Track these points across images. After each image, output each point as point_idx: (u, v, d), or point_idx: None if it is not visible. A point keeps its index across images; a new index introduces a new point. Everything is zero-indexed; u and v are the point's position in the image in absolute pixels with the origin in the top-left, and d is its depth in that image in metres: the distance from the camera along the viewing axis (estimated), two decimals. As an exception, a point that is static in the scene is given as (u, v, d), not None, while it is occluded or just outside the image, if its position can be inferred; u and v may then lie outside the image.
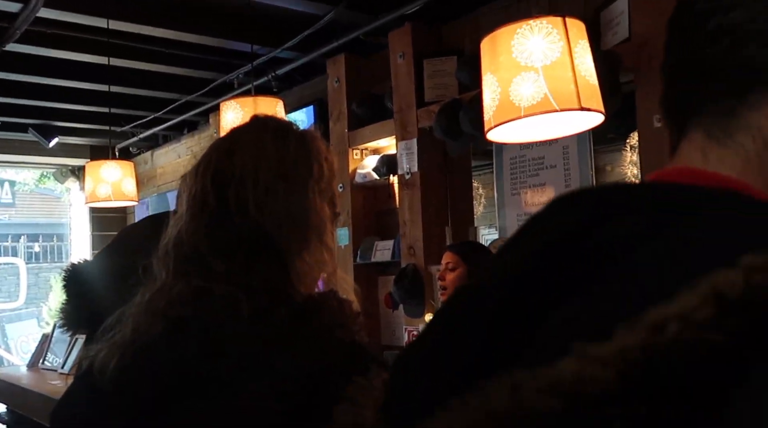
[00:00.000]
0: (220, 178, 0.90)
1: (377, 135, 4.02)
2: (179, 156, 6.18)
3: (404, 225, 3.77)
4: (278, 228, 0.89)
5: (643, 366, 0.27)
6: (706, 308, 0.27)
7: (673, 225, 0.36)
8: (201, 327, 0.82)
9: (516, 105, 1.58)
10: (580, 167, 3.38)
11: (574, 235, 0.39)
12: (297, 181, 0.92)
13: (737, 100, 0.46)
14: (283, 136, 0.95)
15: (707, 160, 0.48)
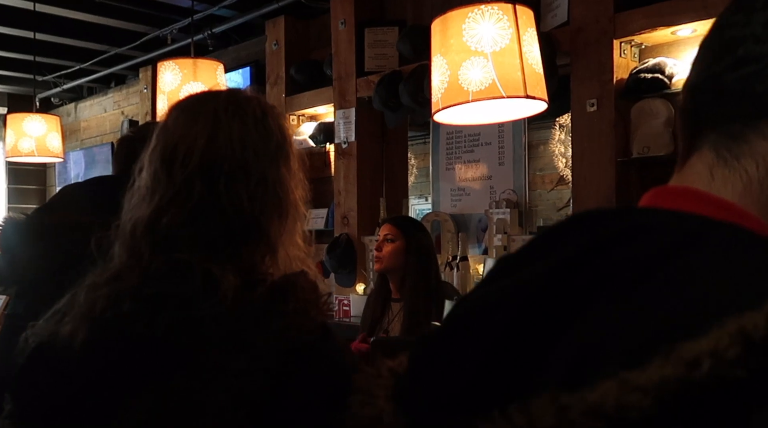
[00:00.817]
0: (207, 168, 0.88)
1: (315, 102, 3.99)
2: (105, 110, 5.95)
3: (339, 194, 3.78)
4: (268, 219, 0.90)
5: (679, 395, 0.30)
6: (735, 347, 0.30)
7: (688, 253, 0.38)
8: (178, 304, 0.82)
9: (464, 89, 1.62)
10: (513, 146, 3.48)
11: (590, 255, 0.41)
12: (279, 167, 0.93)
13: (749, 126, 0.48)
14: (263, 118, 0.94)
15: (713, 180, 0.49)
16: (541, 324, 0.41)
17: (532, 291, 0.42)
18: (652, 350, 0.32)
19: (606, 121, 2.77)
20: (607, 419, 0.31)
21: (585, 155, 2.86)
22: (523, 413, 0.34)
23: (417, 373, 0.50)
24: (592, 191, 2.82)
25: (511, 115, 1.89)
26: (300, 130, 4.08)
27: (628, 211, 0.48)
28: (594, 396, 0.32)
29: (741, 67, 0.49)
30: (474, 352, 0.44)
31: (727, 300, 0.34)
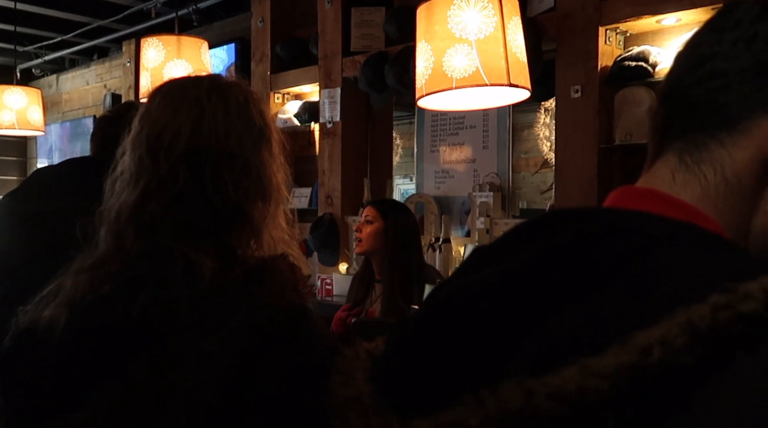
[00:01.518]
0: (192, 156, 0.89)
1: (300, 80, 3.97)
2: (87, 83, 5.88)
3: (323, 174, 3.78)
4: (252, 204, 0.92)
5: (632, 379, 0.34)
6: (682, 336, 0.34)
7: (650, 253, 0.42)
8: (156, 286, 0.83)
9: (448, 76, 1.62)
10: (498, 129, 3.49)
11: (564, 252, 0.44)
12: (262, 153, 0.94)
13: (710, 136, 0.52)
14: (245, 105, 0.95)
15: (674, 182, 0.53)
16: (516, 316, 0.43)
17: (511, 283, 0.45)
18: (610, 339, 0.35)
19: (590, 107, 2.79)
20: (568, 402, 0.34)
21: (568, 141, 2.88)
22: (493, 396, 0.37)
23: (396, 356, 0.52)
24: (575, 176, 2.85)
25: (494, 102, 1.90)
26: (285, 108, 4.06)
27: (599, 211, 0.51)
28: (557, 380, 0.35)
29: (707, 81, 0.52)
30: (452, 338, 0.46)
31: (678, 295, 0.37)
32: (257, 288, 0.84)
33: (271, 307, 0.83)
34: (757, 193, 0.51)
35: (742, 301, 0.35)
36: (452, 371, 0.45)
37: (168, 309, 0.82)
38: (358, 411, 0.50)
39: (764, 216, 0.51)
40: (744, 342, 0.34)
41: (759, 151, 0.50)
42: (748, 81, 0.51)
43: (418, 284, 2.41)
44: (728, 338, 0.34)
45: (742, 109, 0.51)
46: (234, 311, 0.82)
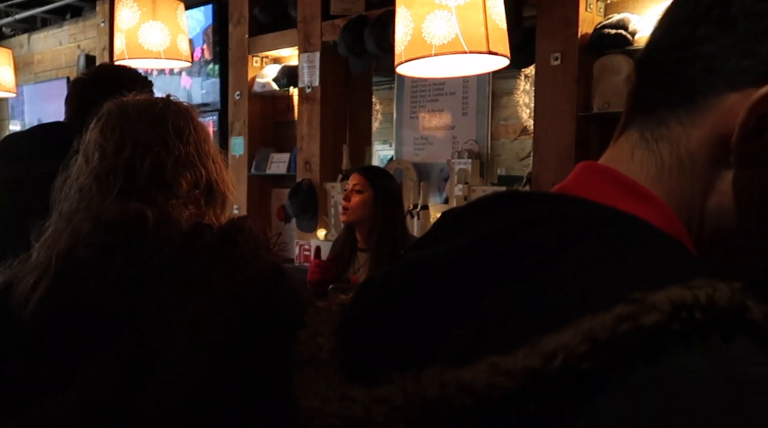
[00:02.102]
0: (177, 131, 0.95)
1: (279, 44, 3.91)
2: (60, 43, 5.74)
3: (302, 139, 3.76)
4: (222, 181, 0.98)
5: (537, 380, 0.36)
6: (583, 344, 0.36)
7: (576, 246, 0.43)
8: (133, 252, 0.83)
9: (428, 42, 1.61)
10: (477, 96, 3.48)
11: (497, 238, 0.46)
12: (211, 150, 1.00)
13: (671, 111, 0.50)
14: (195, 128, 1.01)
15: (632, 160, 0.52)
16: (451, 299, 0.45)
17: (448, 265, 0.47)
18: (521, 339, 0.38)
19: (569, 75, 2.79)
20: (476, 396, 0.37)
21: (547, 108, 2.88)
22: (415, 381, 0.40)
23: (353, 318, 0.54)
24: (553, 144, 2.86)
25: (473, 69, 1.89)
26: (263, 72, 4.01)
27: (540, 196, 0.50)
28: (468, 375, 0.37)
29: (676, 50, 0.49)
30: (398, 310, 0.48)
31: (586, 301, 0.39)
32: (232, 250, 0.85)
33: (249, 268, 0.84)
34: (712, 173, 0.49)
35: (645, 313, 0.36)
36: (394, 343, 0.47)
37: (144, 277, 0.82)
38: (314, 367, 0.51)
39: (719, 196, 0.49)
40: (645, 352, 0.35)
41: (714, 129, 0.48)
42: (712, 54, 0.47)
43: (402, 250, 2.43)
44: (628, 347, 0.35)
45: (703, 85, 0.48)
46: (213, 275, 0.82)
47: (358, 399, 0.43)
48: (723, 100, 0.47)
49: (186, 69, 4.31)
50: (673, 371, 0.35)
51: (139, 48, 2.51)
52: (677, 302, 0.36)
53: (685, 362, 0.35)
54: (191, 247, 0.84)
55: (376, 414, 0.40)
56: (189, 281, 0.82)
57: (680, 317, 0.36)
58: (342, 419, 0.43)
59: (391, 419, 0.40)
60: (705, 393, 0.33)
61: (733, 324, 0.37)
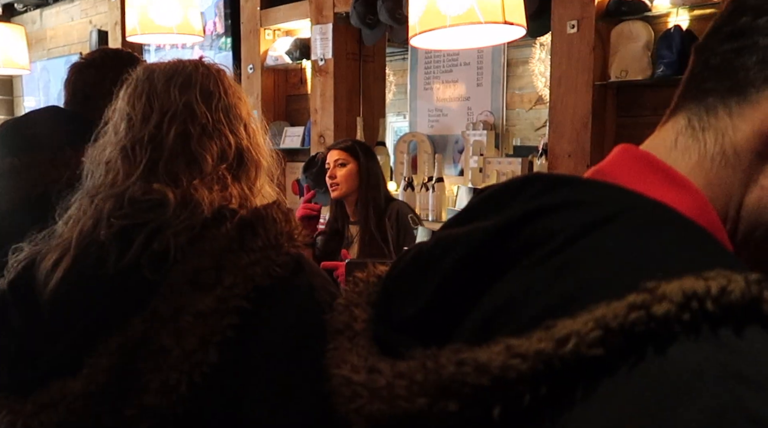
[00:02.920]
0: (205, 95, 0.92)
1: (291, 16, 3.87)
2: (72, 18, 5.72)
3: (315, 112, 3.74)
4: (259, 151, 0.95)
5: (549, 364, 0.37)
6: (595, 331, 0.37)
7: (596, 232, 0.43)
8: (151, 237, 0.81)
9: (442, 14, 1.58)
10: (492, 67, 3.44)
11: (522, 221, 0.46)
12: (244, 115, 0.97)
13: (721, 101, 0.50)
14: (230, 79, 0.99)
15: (675, 147, 0.52)
16: (472, 278, 0.46)
17: (474, 246, 0.47)
18: (536, 323, 0.39)
19: (585, 43, 2.74)
20: (491, 376, 0.38)
21: (563, 77, 2.84)
22: (434, 358, 0.41)
23: (386, 291, 0.55)
24: (569, 113, 2.82)
25: (488, 40, 1.86)
26: (275, 45, 3.98)
27: (569, 180, 0.50)
28: (484, 355, 0.39)
29: (733, 40, 0.49)
30: (425, 286, 0.49)
31: (600, 288, 0.39)
32: (251, 242, 0.83)
33: (267, 261, 0.82)
34: (755, 167, 0.49)
35: (656, 303, 0.36)
36: (420, 317, 0.49)
37: (161, 260, 0.81)
38: (348, 337, 0.53)
39: (761, 191, 0.49)
40: (655, 341, 0.36)
41: (763, 124, 0.48)
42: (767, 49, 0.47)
43: (388, 220, 2.48)
44: (639, 336, 0.36)
45: (757, 77, 0.48)
46: (227, 269, 0.80)
47: (383, 372, 0.44)
48: None
49: (198, 43, 4.29)
50: (677, 363, 0.35)
51: (150, 23, 2.50)
52: (689, 292, 0.36)
53: (689, 354, 0.35)
54: (209, 236, 0.82)
55: (398, 388, 0.42)
56: (203, 272, 0.80)
57: (691, 308, 0.36)
58: (369, 390, 0.44)
59: (411, 393, 0.41)
60: (702, 389, 0.34)
61: (747, 317, 0.36)
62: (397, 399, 0.42)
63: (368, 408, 0.44)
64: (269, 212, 0.87)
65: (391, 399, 0.42)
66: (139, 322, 0.78)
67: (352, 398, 0.45)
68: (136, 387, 0.77)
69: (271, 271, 0.82)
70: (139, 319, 0.79)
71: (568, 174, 0.52)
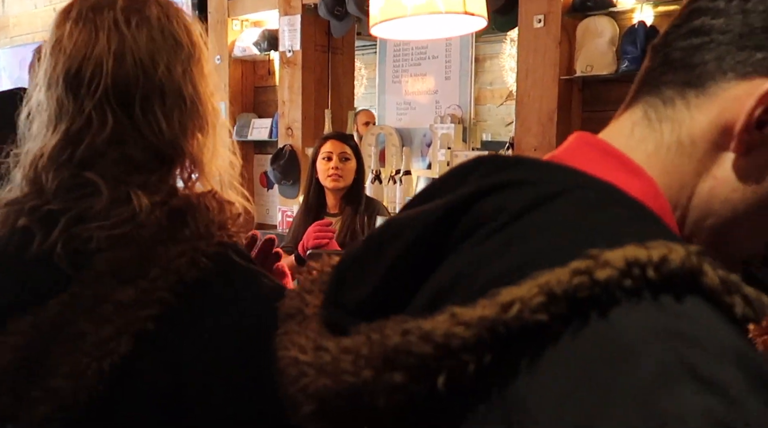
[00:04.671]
0: (119, 93, 0.81)
1: (258, 6, 3.84)
2: (36, 6, 5.61)
3: (283, 104, 3.71)
4: (189, 137, 0.85)
5: (492, 330, 0.37)
6: (539, 296, 0.37)
7: (542, 207, 0.44)
8: (72, 220, 0.77)
9: (403, 3, 1.57)
10: (460, 60, 3.44)
11: (471, 200, 0.47)
12: (195, 78, 0.86)
13: (679, 94, 0.52)
14: (169, 25, 0.85)
15: (631, 136, 0.53)
16: (425, 255, 0.47)
17: (425, 225, 0.48)
18: (485, 290, 0.39)
19: (551, 37, 2.75)
20: (435, 344, 0.38)
21: (530, 72, 2.85)
22: (379, 331, 0.42)
23: (339, 274, 0.56)
24: (535, 108, 2.83)
25: (451, 31, 1.85)
26: (243, 35, 3.94)
27: (518, 161, 0.51)
28: (429, 324, 0.39)
29: (691, 36, 0.51)
30: (377, 268, 0.50)
31: (545, 257, 0.40)
32: (180, 232, 0.78)
33: (194, 252, 0.77)
34: (710, 158, 0.51)
35: (599, 268, 0.37)
36: (372, 298, 0.50)
37: (82, 247, 0.77)
38: (297, 321, 0.53)
39: (713, 181, 0.51)
40: (597, 307, 0.36)
41: (720, 116, 0.49)
42: (728, 42, 0.49)
43: (368, 217, 2.53)
44: (582, 301, 0.37)
45: (714, 71, 0.50)
46: (154, 259, 0.76)
47: (329, 349, 0.45)
48: (732, 87, 0.49)
49: (165, 33, 4.23)
50: (620, 326, 0.36)
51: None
52: (630, 259, 0.37)
53: (632, 318, 0.36)
54: (137, 225, 0.77)
55: (344, 363, 0.42)
56: (127, 262, 0.76)
57: (632, 274, 0.37)
58: (314, 368, 0.45)
59: (357, 367, 0.41)
60: (645, 349, 0.34)
61: (687, 286, 0.37)
62: (343, 374, 0.42)
63: (314, 385, 0.44)
64: (201, 201, 0.82)
65: (337, 374, 0.42)
66: (55, 304, 0.75)
67: (298, 377, 0.46)
68: (44, 369, 0.74)
69: (198, 262, 0.77)
70: (56, 301, 0.75)
71: (519, 155, 0.53)
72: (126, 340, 0.74)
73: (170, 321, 0.76)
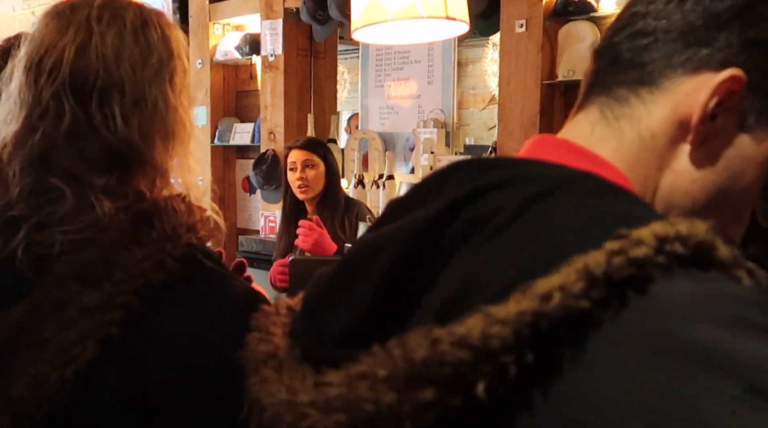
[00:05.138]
0: (77, 84, 0.79)
1: (240, 10, 3.81)
2: (14, 9, 5.54)
3: (266, 109, 3.69)
4: (149, 142, 0.82)
5: (532, 324, 0.35)
6: (580, 282, 0.35)
7: (547, 199, 0.43)
8: (34, 226, 0.75)
9: (384, 8, 1.56)
10: (443, 64, 3.44)
11: (463, 204, 0.45)
12: (163, 86, 0.84)
13: (632, 92, 0.53)
14: (143, 29, 0.84)
15: (592, 135, 0.54)
16: (419, 265, 0.45)
17: (414, 234, 0.46)
18: (511, 287, 0.37)
19: (533, 42, 2.76)
20: (472, 348, 0.36)
21: (512, 76, 2.86)
22: (400, 346, 0.38)
23: (310, 310, 0.53)
24: (518, 112, 2.84)
25: (433, 36, 1.85)
26: (224, 39, 3.91)
27: (503, 161, 0.51)
28: (461, 328, 0.36)
29: (636, 38, 0.54)
30: (361, 291, 0.47)
31: (575, 241, 0.39)
32: (146, 234, 0.76)
33: (160, 254, 0.75)
34: (669, 152, 0.52)
35: (634, 246, 0.37)
36: (362, 323, 0.46)
37: (44, 254, 0.75)
38: (273, 367, 0.50)
39: (673, 174, 0.52)
40: (635, 285, 0.36)
41: (675, 110, 0.51)
42: (673, 40, 0.52)
43: (348, 219, 2.50)
44: (620, 281, 0.36)
45: (664, 68, 0.52)
46: (118, 263, 0.74)
47: (335, 382, 0.41)
48: (683, 83, 0.51)
49: (145, 37, 4.19)
50: (662, 301, 0.36)
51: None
52: (661, 235, 0.37)
53: (671, 290, 0.36)
54: (101, 229, 0.75)
55: (360, 390, 0.39)
56: (91, 266, 0.74)
57: (664, 250, 0.37)
58: (317, 407, 0.41)
59: (376, 391, 0.38)
60: (698, 314, 0.34)
61: (705, 260, 0.38)
62: (360, 403, 0.38)
63: (322, 425, 0.40)
64: (169, 203, 0.79)
65: (351, 405, 0.39)
66: (17, 311, 0.73)
67: (296, 421, 0.42)
68: (5, 378, 0.72)
69: (165, 265, 0.75)
70: (18, 308, 0.73)
71: (495, 157, 0.52)
72: (92, 345, 0.71)
73: (136, 326, 0.73)
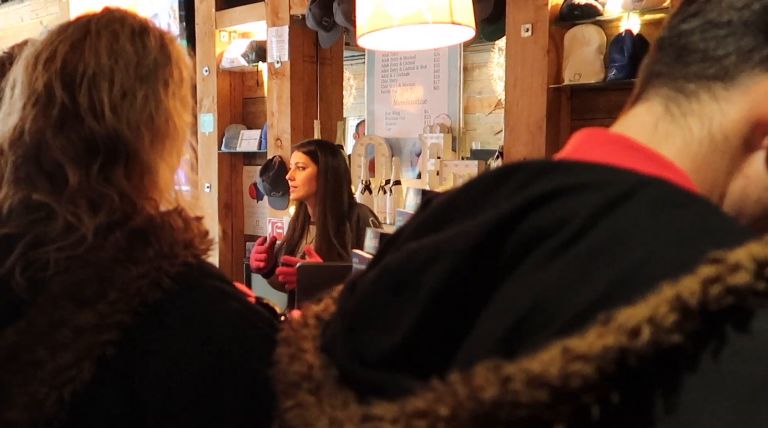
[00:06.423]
0: (66, 73, 0.80)
1: (246, 18, 3.83)
2: (22, 19, 5.58)
3: (272, 115, 3.69)
4: (136, 136, 0.81)
5: (619, 362, 0.31)
6: (672, 314, 0.31)
7: (616, 211, 0.38)
8: (28, 245, 0.74)
9: (390, 14, 1.57)
10: (449, 69, 3.44)
11: (522, 214, 0.40)
12: (156, 86, 0.84)
13: (703, 87, 0.49)
14: (141, 34, 0.85)
15: (655, 132, 0.50)
16: (473, 284, 0.40)
17: (467, 250, 0.41)
18: (588, 316, 0.33)
19: (539, 46, 2.76)
20: (550, 388, 0.32)
21: (518, 81, 2.85)
22: (465, 382, 0.34)
23: (347, 324, 0.48)
24: (524, 117, 2.83)
25: (439, 41, 1.85)
26: (230, 47, 3.93)
27: (559, 165, 0.45)
28: (537, 365, 0.32)
29: (709, 29, 0.49)
30: (408, 307, 0.42)
31: (659, 264, 0.34)
32: (141, 254, 0.74)
33: (156, 273, 0.74)
34: (741, 155, 0.48)
35: (732, 273, 0.32)
36: (408, 343, 0.42)
37: (40, 272, 0.73)
38: (309, 390, 0.45)
39: (745, 180, 0.48)
40: (734, 318, 0.32)
41: (752, 110, 0.47)
42: (751, 34, 0.48)
43: (350, 223, 2.49)
44: (717, 314, 0.32)
45: (741, 64, 0.48)
46: (114, 281, 0.73)
47: (387, 417, 0.36)
48: (763, 80, 0.47)
49: (152, 45, 4.21)
50: (764, 337, 0.31)
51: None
52: (761, 259, 0.32)
53: None
54: (96, 246, 0.74)
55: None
56: (86, 285, 0.73)
57: (764, 276, 0.32)
58: None
59: None
60: None
61: None
62: None
63: None
64: (165, 219, 0.78)
65: None
66: (12, 332, 0.72)
67: None
68: (0, 401, 0.70)
69: (161, 284, 0.73)
70: (13, 329, 0.72)
71: (550, 159, 0.45)
72: (88, 366, 0.70)
73: (132, 345, 0.72)
